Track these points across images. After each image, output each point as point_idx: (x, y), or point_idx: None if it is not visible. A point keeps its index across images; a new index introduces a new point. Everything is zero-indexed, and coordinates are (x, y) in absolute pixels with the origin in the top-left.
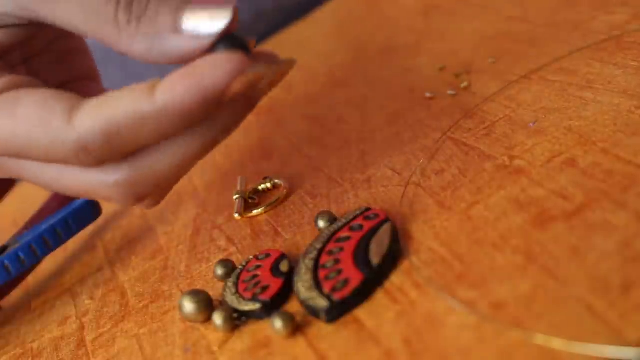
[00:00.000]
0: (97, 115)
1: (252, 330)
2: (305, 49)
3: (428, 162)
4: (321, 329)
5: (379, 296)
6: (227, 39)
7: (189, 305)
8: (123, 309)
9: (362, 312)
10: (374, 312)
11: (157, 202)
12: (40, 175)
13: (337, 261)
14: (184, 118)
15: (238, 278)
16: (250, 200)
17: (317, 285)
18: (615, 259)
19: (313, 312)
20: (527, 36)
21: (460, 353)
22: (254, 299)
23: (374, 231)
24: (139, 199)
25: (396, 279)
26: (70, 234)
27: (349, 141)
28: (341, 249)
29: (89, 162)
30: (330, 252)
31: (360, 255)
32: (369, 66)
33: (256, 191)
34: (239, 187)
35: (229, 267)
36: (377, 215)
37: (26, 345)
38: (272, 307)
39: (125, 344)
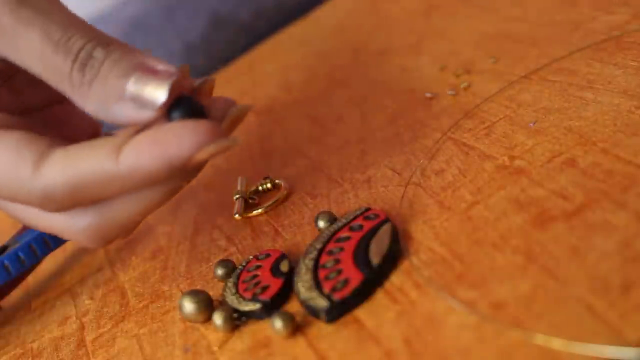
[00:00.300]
0: (63, 169)
1: (252, 330)
2: (305, 48)
3: (428, 162)
4: (321, 329)
5: (379, 296)
6: (182, 105)
7: (189, 305)
8: (123, 309)
9: (362, 312)
10: (374, 312)
11: (125, 238)
12: (12, 211)
13: (337, 261)
14: (147, 181)
15: (238, 278)
16: (251, 200)
17: (317, 285)
18: (615, 259)
19: (313, 312)
20: (527, 36)
21: (460, 353)
22: (254, 299)
23: (374, 231)
24: (106, 241)
25: (396, 279)
26: None
27: (349, 141)
28: (341, 249)
29: (54, 209)
30: (331, 252)
31: (360, 255)
32: (369, 66)
33: (256, 191)
34: (239, 187)
35: (229, 267)
36: (377, 216)
37: (26, 345)
38: (272, 307)
39: (125, 344)
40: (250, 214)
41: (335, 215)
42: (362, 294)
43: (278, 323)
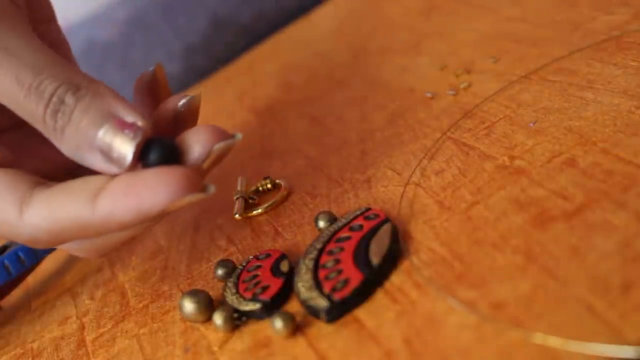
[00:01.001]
0: (44, 217)
1: (253, 330)
2: (305, 48)
3: (428, 162)
4: (321, 329)
5: (379, 296)
6: (155, 149)
7: (189, 305)
8: (123, 309)
9: (362, 312)
10: (374, 312)
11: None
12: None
13: (337, 261)
14: (123, 227)
15: (238, 278)
16: (251, 200)
17: (317, 285)
18: (615, 259)
19: (313, 312)
20: (527, 36)
21: (460, 353)
22: (254, 298)
23: (374, 231)
24: (101, 256)
25: (396, 279)
26: None
27: (349, 141)
28: (341, 249)
29: (41, 247)
30: (331, 252)
31: (361, 255)
32: (369, 66)
33: (256, 191)
34: (239, 187)
35: (229, 267)
36: (377, 215)
37: (26, 345)
38: (272, 307)
39: (126, 344)
40: (250, 214)
41: (336, 215)
42: (362, 294)
43: (278, 323)
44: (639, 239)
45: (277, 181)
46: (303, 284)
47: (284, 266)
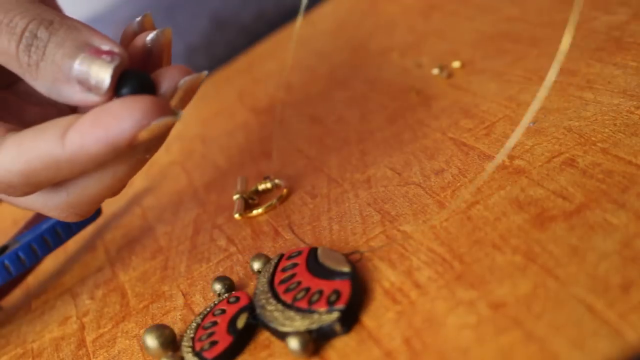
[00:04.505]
0: (15, 157)
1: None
2: (305, 48)
3: (428, 162)
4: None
5: (379, 296)
6: (129, 81)
7: (151, 342)
8: (123, 309)
9: (362, 312)
10: (374, 312)
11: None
12: None
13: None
14: (96, 162)
15: (195, 333)
16: (250, 200)
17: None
18: (615, 259)
19: None
20: (527, 36)
21: (460, 353)
22: (199, 355)
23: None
24: (82, 216)
25: (396, 279)
26: (71, 234)
27: (349, 141)
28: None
29: (19, 195)
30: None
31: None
32: (369, 66)
33: (256, 191)
34: (239, 187)
35: (227, 284)
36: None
37: (27, 345)
38: None
39: (126, 344)
40: (250, 214)
41: (269, 257)
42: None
43: (294, 343)
44: (639, 239)
45: (277, 181)
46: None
47: (241, 322)
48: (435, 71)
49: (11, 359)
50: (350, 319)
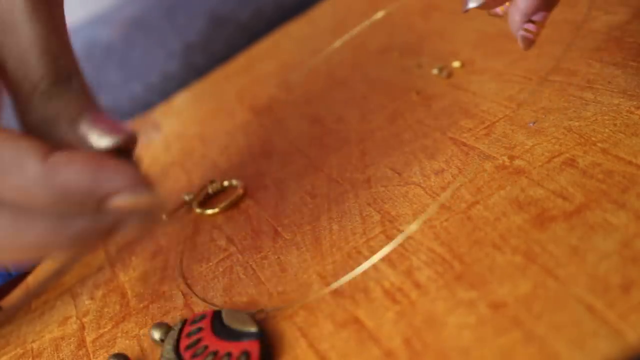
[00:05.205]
0: None
1: None
2: (305, 47)
3: (428, 162)
4: (322, 330)
5: (379, 296)
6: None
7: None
8: (123, 309)
9: (362, 312)
10: (374, 312)
11: None
12: None
13: None
14: (64, 195)
15: None
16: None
17: None
18: (615, 259)
19: None
20: None
21: (460, 353)
22: None
23: None
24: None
25: (396, 279)
26: None
27: (349, 141)
28: None
29: None
30: None
31: None
32: (368, 66)
33: (207, 195)
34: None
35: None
36: None
37: (26, 345)
38: None
39: (126, 344)
40: (204, 213)
41: (170, 325)
42: None
43: None
44: (639, 239)
45: (234, 182)
46: None
47: None
48: (435, 71)
49: (11, 359)
50: None
